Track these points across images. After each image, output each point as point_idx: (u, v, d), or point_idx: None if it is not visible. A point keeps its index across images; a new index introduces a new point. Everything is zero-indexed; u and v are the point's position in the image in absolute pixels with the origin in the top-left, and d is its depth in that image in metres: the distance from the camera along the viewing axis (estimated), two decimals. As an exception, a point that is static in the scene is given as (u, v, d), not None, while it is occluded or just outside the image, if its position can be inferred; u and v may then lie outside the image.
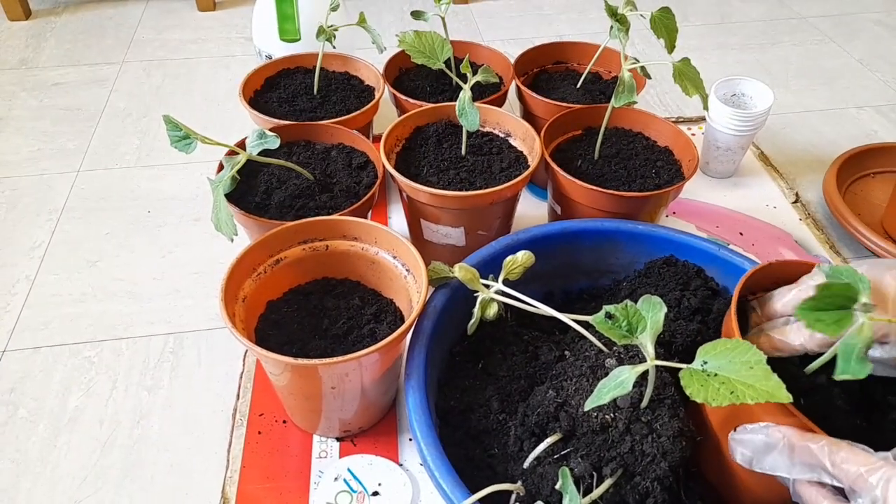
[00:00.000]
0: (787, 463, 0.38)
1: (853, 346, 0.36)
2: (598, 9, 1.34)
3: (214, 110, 1.05)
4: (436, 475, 0.44)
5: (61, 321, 0.72)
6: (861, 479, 0.34)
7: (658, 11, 0.65)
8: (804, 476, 0.38)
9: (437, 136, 0.73)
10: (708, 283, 0.59)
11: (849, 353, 0.36)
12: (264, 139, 0.60)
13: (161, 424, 0.63)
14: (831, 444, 0.36)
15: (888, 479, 0.33)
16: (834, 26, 1.30)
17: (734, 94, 0.88)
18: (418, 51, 0.67)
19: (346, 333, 0.57)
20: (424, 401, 0.48)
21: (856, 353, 0.36)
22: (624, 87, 0.64)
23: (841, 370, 0.36)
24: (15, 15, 1.27)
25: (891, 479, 0.33)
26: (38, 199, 0.88)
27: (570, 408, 0.46)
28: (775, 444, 0.39)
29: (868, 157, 0.91)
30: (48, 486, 0.58)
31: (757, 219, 0.85)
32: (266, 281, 0.58)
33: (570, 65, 0.90)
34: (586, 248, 0.63)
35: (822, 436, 0.37)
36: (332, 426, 0.59)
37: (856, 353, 0.36)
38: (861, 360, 0.36)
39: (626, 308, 0.41)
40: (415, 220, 0.71)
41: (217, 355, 0.69)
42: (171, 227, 0.83)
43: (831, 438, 0.37)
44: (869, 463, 0.34)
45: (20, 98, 1.06)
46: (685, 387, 0.37)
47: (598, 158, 0.72)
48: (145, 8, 1.33)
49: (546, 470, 0.45)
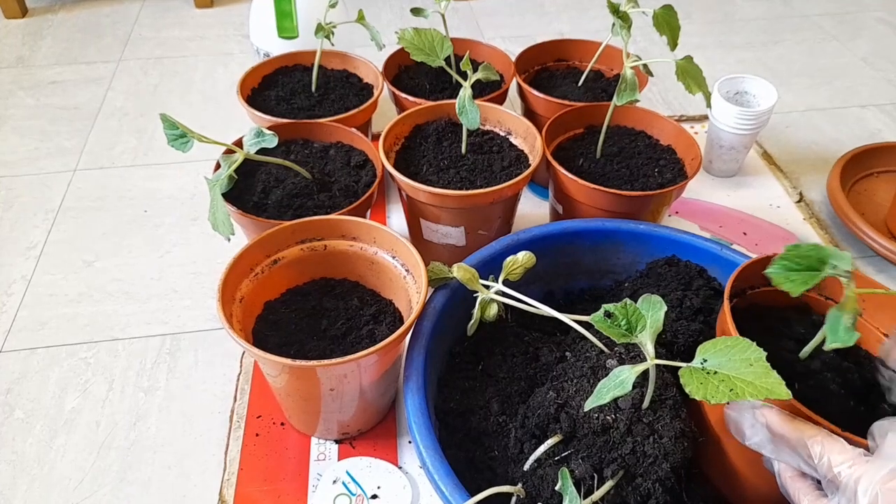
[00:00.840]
0: (772, 445, 0.39)
1: (839, 316, 0.37)
2: (600, 6, 1.34)
3: (212, 108, 1.04)
4: (435, 478, 0.44)
5: (58, 321, 0.71)
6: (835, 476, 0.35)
7: (660, 9, 0.64)
8: (788, 459, 0.38)
9: (436, 134, 0.73)
10: (710, 283, 0.59)
11: (836, 324, 0.38)
12: (262, 138, 0.60)
13: (158, 426, 0.62)
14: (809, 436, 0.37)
15: (857, 478, 0.34)
16: (837, 24, 1.30)
17: (737, 92, 0.87)
18: (418, 48, 0.66)
19: (345, 334, 0.56)
20: (424, 402, 0.48)
21: (843, 322, 0.37)
22: (626, 85, 0.63)
23: (830, 340, 0.38)
24: (11, 13, 1.26)
25: (860, 479, 0.34)
26: (35, 198, 0.87)
27: (571, 409, 0.45)
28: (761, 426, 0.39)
29: (872, 157, 0.90)
30: (45, 487, 0.58)
31: (760, 218, 0.85)
32: (264, 281, 0.58)
33: (572, 62, 0.90)
34: (588, 248, 0.63)
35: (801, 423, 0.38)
36: (331, 428, 0.59)
37: (843, 322, 0.37)
38: (848, 329, 0.37)
39: (625, 307, 0.41)
40: (414, 220, 0.70)
41: (214, 356, 0.68)
42: (168, 227, 0.83)
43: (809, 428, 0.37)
44: (842, 460, 0.35)
45: (17, 97, 1.06)
46: (684, 385, 0.38)
47: (600, 157, 0.72)
48: (142, 6, 1.32)
49: (546, 472, 0.45)
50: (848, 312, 0.37)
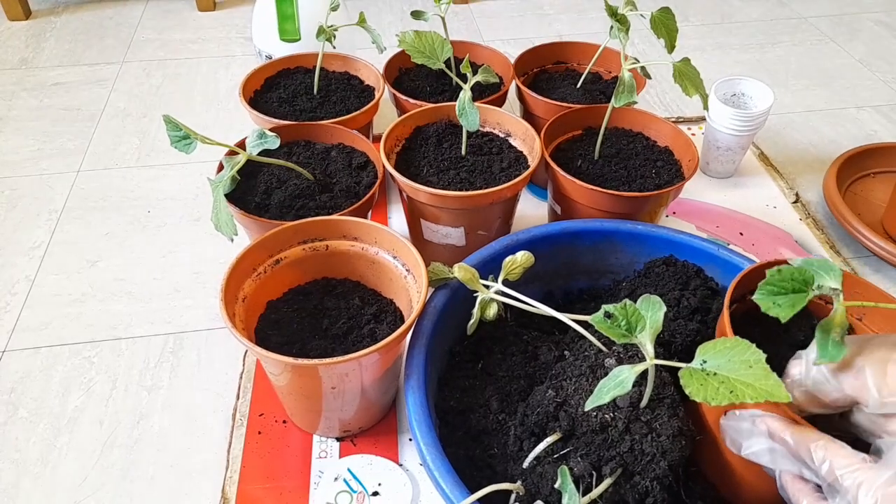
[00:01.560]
0: (770, 454, 0.39)
1: (828, 331, 0.37)
2: (599, 9, 1.34)
3: (214, 110, 1.05)
4: (435, 475, 0.44)
5: (61, 321, 0.72)
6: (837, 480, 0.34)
7: (658, 11, 0.65)
8: (787, 467, 0.38)
9: (437, 136, 0.73)
10: (707, 282, 0.59)
11: (825, 339, 0.37)
12: (264, 139, 0.60)
13: (161, 424, 0.63)
14: (812, 441, 0.36)
15: (859, 483, 0.33)
16: (834, 26, 1.30)
17: (734, 93, 0.88)
18: (418, 51, 0.67)
19: (346, 333, 0.57)
20: (424, 401, 0.48)
21: (832, 338, 0.37)
22: (624, 87, 0.64)
23: (819, 356, 0.37)
24: (15, 15, 1.27)
25: (861, 484, 0.33)
26: (38, 198, 0.88)
27: (570, 407, 0.46)
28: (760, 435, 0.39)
29: (868, 157, 0.91)
30: (48, 486, 0.58)
31: (757, 219, 0.85)
32: (266, 281, 0.58)
33: (571, 65, 0.90)
34: (586, 249, 0.63)
35: (804, 429, 0.37)
36: (332, 426, 0.59)
37: (832, 338, 0.37)
38: (837, 343, 0.37)
39: (625, 307, 0.41)
40: (415, 221, 0.71)
41: (217, 355, 0.69)
42: (171, 227, 0.83)
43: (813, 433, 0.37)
44: (845, 464, 0.34)
45: (20, 98, 1.06)
46: (684, 386, 0.37)
47: (598, 158, 0.72)
48: (145, 8, 1.33)
49: (546, 469, 0.45)
50: (836, 327, 0.37)
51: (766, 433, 0.39)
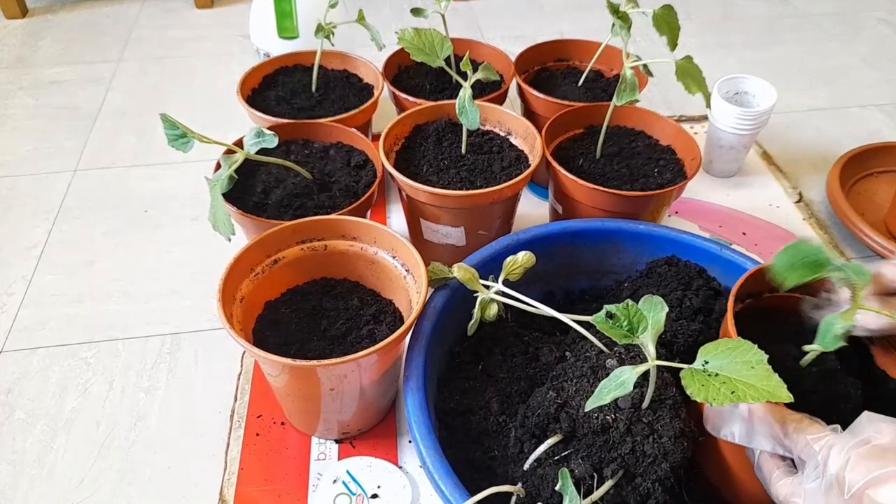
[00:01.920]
0: (747, 434, 0.40)
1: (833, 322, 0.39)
2: (600, 6, 1.33)
3: (212, 109, 1.04)
4: (435, 477, 0.44)
5: (58, 321, 0.71)
6: (807, 447, 0.36)
7: (660, 9, 0.64)
8: (763, 446, 0.39)
9: (436, 134, 0.73)
10: (710, 283, 0.59)
11: (828, 329, 0.39)
12: (262, 138, 0.60)
13: (158, 426, 0.62)
14: (787, 415, 0.38)
15: (830, 445, 0.35)
16: (837, 24, 1.30)
17: (737, 92, 0.87)
18: (418, 48, 0.66)
19: (345, 334, 0.57)
20: (424, 402, 0.48)
21: (833, 330, 0.39)
22: (626, 86, 0.63)
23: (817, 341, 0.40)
24: (11, 13, 1.26)
25: (833, 446, 0.35)
26: (35, 198, 0.87)
27: (571, 409, 0.45)
28: (739, 414, 0.40)
29: (872, 157, 0.90)
30: (45, 487, 0.58)
31: (760, 218, 0.85)
32: (264, 281, 0.58)
33: (572, 63, 0.90)
34: (587, 248, 0.63)
35: (780, 407, 0.38)
36: (331, 428, 0.59)
37: (833, 330, 0.39)
38: (836, 337, 0.39)
39: (626, 307, 0.41)
40: (414, 220, 0.70)
41: (215, 356, 0.68)
42: (168, 227, 0.83)
43: (789, 411, 0.38)
44: (816, 432, 0.36)
45: (17, 97, 1.06)
46: (686, 387, 0.38)
47: (599, 157, 0.72)
48: (142, 6, 1.32)
49: (546, 471, 0.45)
50: (843, 322, 0.39)
51: (744, 414, 0.40)
